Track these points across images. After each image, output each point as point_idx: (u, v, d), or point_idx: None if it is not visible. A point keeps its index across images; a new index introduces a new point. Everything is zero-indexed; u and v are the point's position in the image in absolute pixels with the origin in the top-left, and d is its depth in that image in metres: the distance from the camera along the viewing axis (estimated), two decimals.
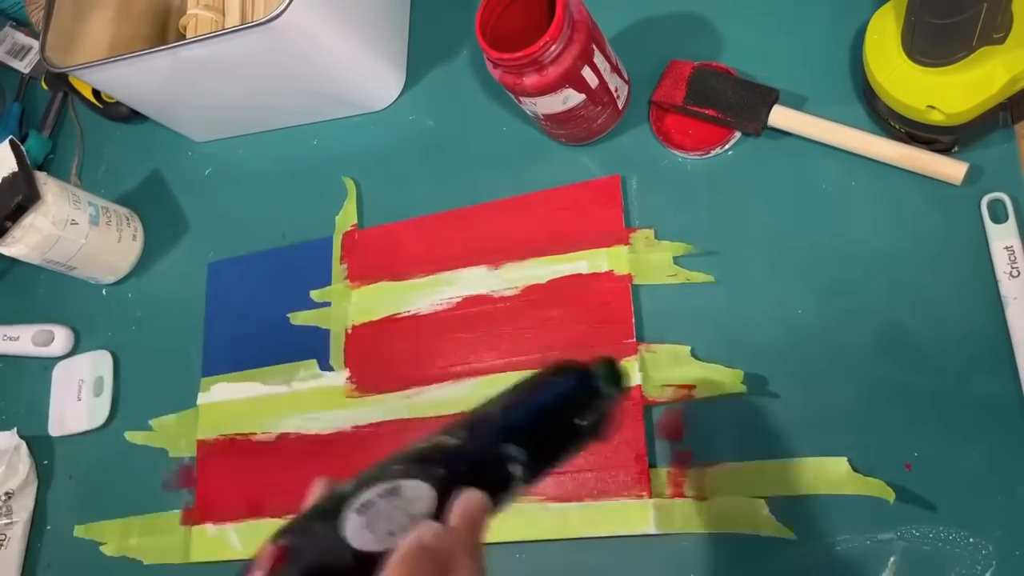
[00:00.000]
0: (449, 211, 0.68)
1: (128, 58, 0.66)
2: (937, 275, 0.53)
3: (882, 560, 0.50)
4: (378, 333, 0.67)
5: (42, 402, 0.79)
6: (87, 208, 0.76)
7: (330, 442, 0.66)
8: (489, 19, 0.56)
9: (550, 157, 0.66)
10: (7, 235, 0.71)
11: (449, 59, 0.73)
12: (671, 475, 0.55)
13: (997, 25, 0.47)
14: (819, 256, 0.56)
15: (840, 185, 0.57)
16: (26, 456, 0.77)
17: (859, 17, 0.58)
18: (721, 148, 0.60)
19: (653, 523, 0.54)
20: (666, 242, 0.60)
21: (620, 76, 0.62)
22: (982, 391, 0.50)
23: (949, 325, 0.52)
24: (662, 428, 0.57)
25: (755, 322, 0.56)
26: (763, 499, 0.53)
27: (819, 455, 0.52)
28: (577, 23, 0.55)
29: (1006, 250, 0.51)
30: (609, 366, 0.42)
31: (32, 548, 0.76)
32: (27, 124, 0.93)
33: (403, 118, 0.74)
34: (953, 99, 0.50)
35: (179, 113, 0.78)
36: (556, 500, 0.58)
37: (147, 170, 0.84)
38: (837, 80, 0.59)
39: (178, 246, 0.80)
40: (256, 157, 0.79)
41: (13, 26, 0.96)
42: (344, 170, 0.74)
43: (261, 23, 0.60)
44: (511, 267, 0.64)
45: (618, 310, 0.60)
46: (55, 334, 0.80)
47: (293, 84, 0.70)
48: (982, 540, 0.48)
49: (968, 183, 0.53)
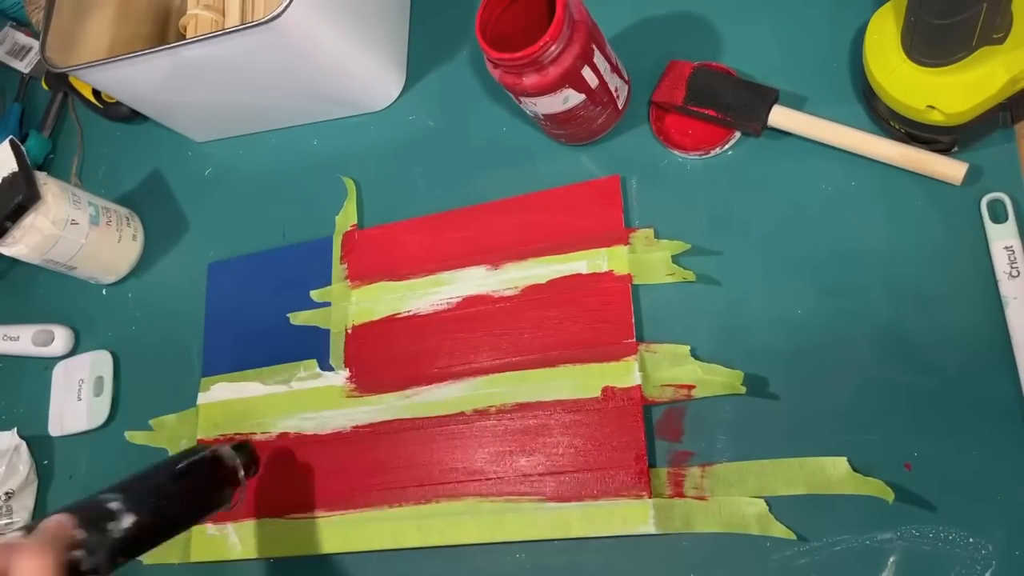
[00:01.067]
0: (449, 211, 0.68)
1: (128, 58, 0.66)
2: (937, 275, 0.53)
3: (882, 560, 0.50)
4: (378, 333, 0.67)
5: (42, 402, 0.79)
6: (87, 208, 0.76)
7: (329, 442, 0.66)
8: (489, 19, 0.56)
9: (550, 157, 0.66)
10: (7, 235, 0.71)
11: (449, 59, 0.73)
12: (671, 475, 0.55)
13: (997, 25, 0.47)
14: (819, 256, 0.56)
15: (840, 185, 0.57)
16: (26, 456, 0.77)
17: (859, 17, 0.58)
18: (721, 148, 0.60)
19: (653, 523, 0.54)
20: (666, 241, 0.60)
21: (620, 76, 0.62)
22: (982, 391, 0.50)
23: (949, 325, 0.52)
24: (662, 428, 0.57)
25: (755, 322, 0.56)
26: (763, 499, 0.53)
27: (819, 455, 0.52)
28: (577, 23, 0.55)
29: (1006, 250, 0.51)
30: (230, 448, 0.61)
31: None
32: (27, 124, 0.93)
33: (403, 118, 0.74)
34: (953, 99, 0.50)
35: (179, 113, 0.78)
36: (556, 500, 0.58)
37: (147, 170, 0.84)
38: (837, 80, 0.59)
39: (178, 246, 0.80)
40: (256, 157, 0.79)
41: (13, 26, 0.96)
42: (344, 170, 0.74)
43: (261, 23, 0.60)
44: (511, 267, 0.64)
45: (618, 310, 0.60)
46: (55, 334, 0.80)
47: (293, 84, 0.70)
48: (982, 540, 0.48)
49: (968, 183, 0.53)
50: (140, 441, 0.74)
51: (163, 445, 0.73)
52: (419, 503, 0.61)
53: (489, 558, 0.59)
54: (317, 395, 0.68)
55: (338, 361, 0.68)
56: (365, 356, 0.67)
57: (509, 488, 0.59)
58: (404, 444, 0.63)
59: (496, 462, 0.60)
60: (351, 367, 0.67)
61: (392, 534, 0.61)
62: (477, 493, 0.60)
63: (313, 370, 0.69)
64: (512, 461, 0.60)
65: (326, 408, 0.67)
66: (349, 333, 0.68)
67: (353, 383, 0.67)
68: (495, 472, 0.60)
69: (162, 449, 0.73)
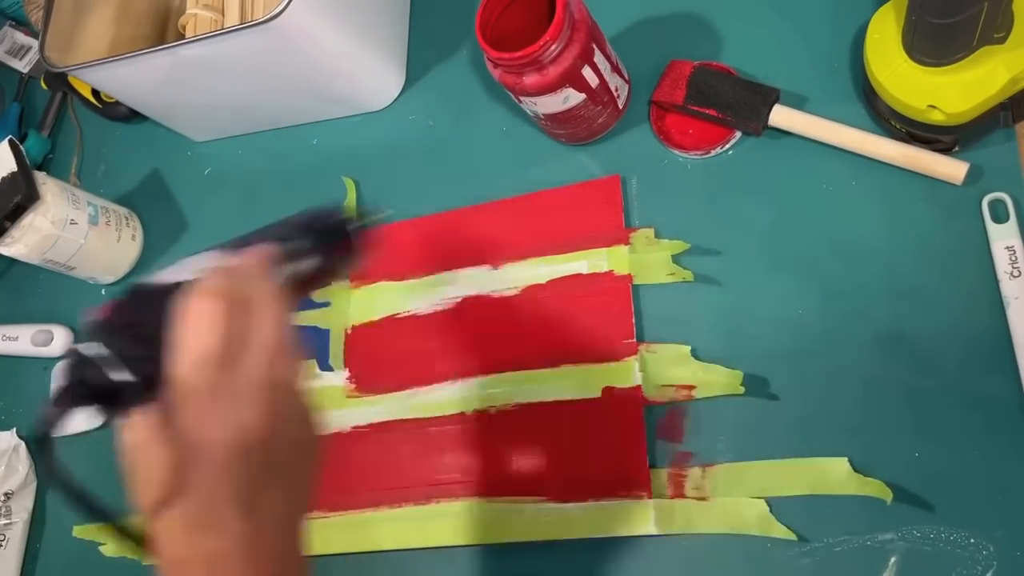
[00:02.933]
0: (449, 211, 0.68)
1: (127, 58, 0.66)
2: (938, 275, 0.53)
3: (883, 561, 0.49)
4: (378, 333, 0.67)
5: (41, 402, 0.79)
6: (86, 208, 0.76)
7: (329, 442, 0.66)
8: (489, 19, 0.56)
9: (550, 157, 0.66)
10: (6, 235, 0.71)
11: (449, 59, 0.73)
12: (672, 476, 0.55)
13: (998, 25, 0.47)
14: (820, 256, 0.56)
15: (841, 185, 0.57)
16: (25, 456, 0.77)
17: (860, 17, 0.58)
18: (721, 148, 0.60)
19: (654, 524, 0.54)
20: (666, 241, 0.60)
21: (620, 76, 0.62)
22: (983, 391, 0.50)
23: (950, 325, 0.52)
24: (662, 429, 0.57)
25: (756, 322, 0.56)
26: (764, 500, 0.53)
27: (819, 455, 0.52)
28: (577, 22, 0.54)
29: (1007, 250, 0.51)
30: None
31: (31, 549, 0.76)
32: (26, 124, 0.93)
33: (403, 118, 0.73)
34: (954, 99, 0.50)
35: (178, 113, 0.78)
36: (556, 501, 0.58)
37: (146, 170, 0.84)
38: (838, 80, 0.59)
39: (177, 246, 0.80)
40: (256, 157, 0.79)
41: (12, 25, 0.96)
42: (344, 170, 0.74)
43: (260, 23, 0.60)
44: (511, 267, 0.64)
45: (618, 310, 0.59)
46: (54, 334, 0.80)
47: (293, 84, 0.70)
48: (983, 540, 0.48)
49: (969, 183, 0.53)
50: None
51: None
52: (419, 504, 0.61)
53: (489, 559, 0.59)
54: (317, 395, 0.68)
55: (338, 361, 0.68)
56: (365, 356, 0.67)
57: (509, 489, 0.59)
58: (404, 444, 0.63)
59: (496, 463, 0.60)
60: (351, 367, 0.67)
61: (392, 535, 0.61)
62: (477, 494, 0.60)
63: (313, 370, 0.68)
64: (512, 462, 0.60)
65: (326, 408, 0.67)
66: (349, 333, 0.68)
67: (353, 383, 0.67)
68: (495, 473, 0.60)
69: None
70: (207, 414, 0.35)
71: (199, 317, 0.36)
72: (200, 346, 0.35)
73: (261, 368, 0.36)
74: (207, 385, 0.35)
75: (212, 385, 0.35)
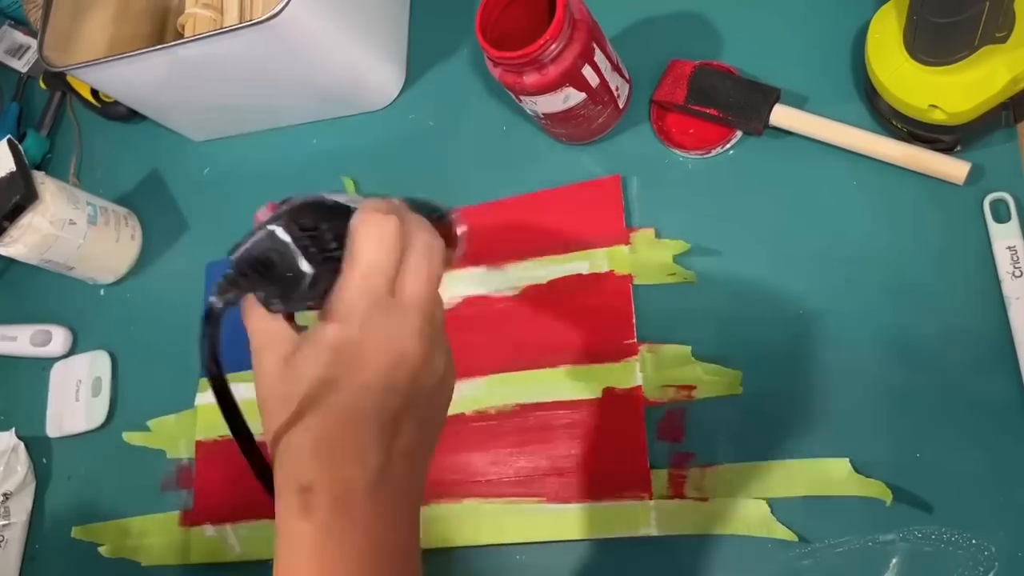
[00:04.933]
0: None
1: (126, 57, 0.65)
2: (939, 275, 0.53)
3: (884, 561, 0.49)
4: None
5: (40, 403, 0.79)
6: (85, 208, 0.75)
7: None
8: (489, 18, 0.56)
9: (550, 157, 0.66)
10: (5, 235, 0.71)
11: (449, 58, 0.73)
12: (672, 476, 0.55)
13: (999, 24, 0.47)
14: (820, 256, 0.56)
15: (842, 185, 0.57)
16: (24, 457, 0.77)
17: (861, 16, 0.57)
18: (722, 147, 0.60)
19: (654, 524, 0.54)
20: (667, 241, 0.60)
21: (621, 75, 0.62)
22: (984, 391, 0.50)
23: (951, 325, 0.52)
24: (663, 429, 0.57)
25: (756, 322, 0.56)
26: (764, 500, 0.53)
27: (820, 456, 0.52)
28: (578, 22, 0.54)
29: (1008, 250, 0.51)
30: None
31: (30, 549, 0.75)
32: (25, 123, 0.93)
33: (403, 117, 0.73)
34: (955, 98, 0.50)
35: (178, 112, 0.78)
36: (557, 501, 0.57)
37: (146, 170, 0.84)
38: (839, 79, 0.59)
39: (177, 246, 0.80)
40: (255, 157, 0.79)
41: (11, 25, 0.96)
42: (344, 169, 0.74)
43: (260, 22, 0.60)
44: (511, 267, 0.64)
45: (619, 310, 0.59)
46: (53, 334, 0.80)
47: (292, 83, 0.70)
48: (984, 541, 0.48)
49: (970, 183, 0.53)
50: (138, 442, 0.74)
51: (161, 446, 0.73)
52: None
53: (489, 560, 0.59)
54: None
55: None
56: None
57: (510, 489, 0.59)
58: None
59: (497, 463, 0.60)
60: None
61: None
62: (478, 494, 0.60)
63: None
64: (513, 462, 0.59)
65: None
66: None
67: None
68: (496, 473, 0.60)
69: (160, 450, 0.72)
70: (368, 331, 0.35)
71: (376, 226, 0.35)
72: (374, 256, 0.35)
73: (422, 296, 0.36)
74: (374, 300, 0.35)
75: (378, 302, 0.35)
